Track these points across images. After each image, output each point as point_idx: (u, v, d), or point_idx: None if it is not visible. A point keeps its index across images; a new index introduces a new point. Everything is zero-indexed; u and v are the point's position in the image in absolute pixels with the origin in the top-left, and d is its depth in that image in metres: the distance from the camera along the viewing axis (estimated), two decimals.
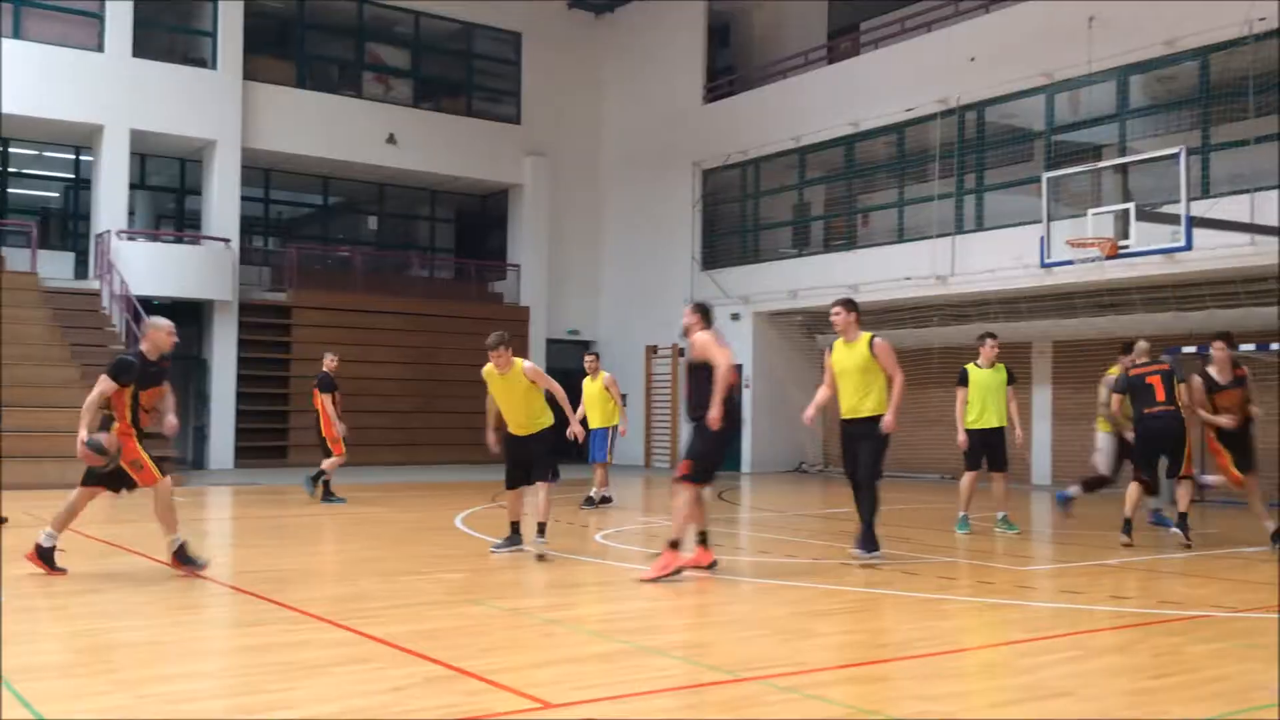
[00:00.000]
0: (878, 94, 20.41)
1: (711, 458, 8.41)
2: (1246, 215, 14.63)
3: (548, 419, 9.39)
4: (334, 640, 5.97)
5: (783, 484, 20.00)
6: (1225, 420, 10.30)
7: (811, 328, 23.34)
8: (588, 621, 6.65)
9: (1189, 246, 13.62)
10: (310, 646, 5.86)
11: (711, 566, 8.45)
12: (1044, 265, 15.30)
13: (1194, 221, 13.48)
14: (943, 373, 21.22)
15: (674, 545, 8.03)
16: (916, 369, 21.83)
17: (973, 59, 18.69)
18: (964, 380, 11.67)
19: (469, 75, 26.80)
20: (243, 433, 22.33)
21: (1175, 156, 13.62)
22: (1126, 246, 13.68)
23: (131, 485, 7.96)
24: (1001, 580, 8.52)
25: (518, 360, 9.18)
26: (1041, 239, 14.96)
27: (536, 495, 9.45)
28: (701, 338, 8.35)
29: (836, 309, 9.11)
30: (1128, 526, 10.36)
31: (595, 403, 14.25)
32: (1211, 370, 10.48)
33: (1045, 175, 15.33)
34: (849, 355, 9.04)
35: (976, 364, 11.73)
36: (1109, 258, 14.00)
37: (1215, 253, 14.81)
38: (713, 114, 24.54)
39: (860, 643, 6.30)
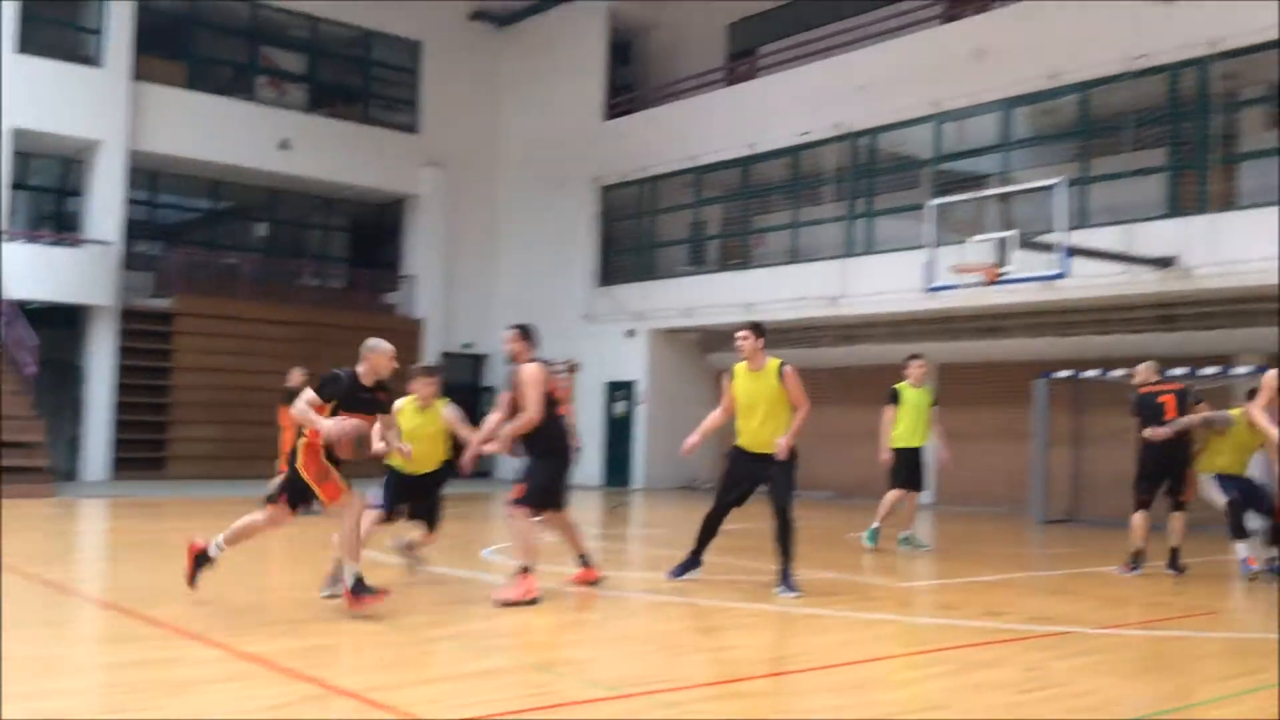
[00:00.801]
0: (774, 118, 20.75)
1: (542, 486, 7.94)
2: (1121, 245, 15.22)
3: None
4: (208, 658, 5.81)
5: (674, 500, 20.10)
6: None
7: (706, 346, 23.56)
8: (470, 638, 6.59)
9: (1066, 274, 14.13)
10: (183, 664, 5.70)
11: (597, 583, 8.44)
12: (929, 289, 15.70)
13: (1071, 250, 13.99)
14: (834, 391, 21.62)
15: (526, 570, 7.71)
16: (807, 388, 22.20)
17: (865, 87, 19.12)
18: (895, 399, 11.75)
19: (366, 82, 26.47)
20: (121, 443, 21.60)
21: (1055, 187, 14.13)
22: (1007, 273, 14.12)
23: (309, 500, 7.40)
24: (883, 596, 8.70)
25: (440, 402, 8.51)
26: (927, 264, 15.36)
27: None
28: (526, 376, 7.88)
29: (744, 333, 8.55)
30: (1139, 560, 10.17)
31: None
32: None
33: (931, 202, 15.75)
34: (756, 383, 8.48)
35: (908, 384, 11.84)
36: (990, 283, 14.42)
37: (1091, 281, 15.36)
38: (612, 131, 24.66)
39: (745, 658, 6.37)
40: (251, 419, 22.27)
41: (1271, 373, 9.01)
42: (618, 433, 23.79)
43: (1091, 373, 16.46)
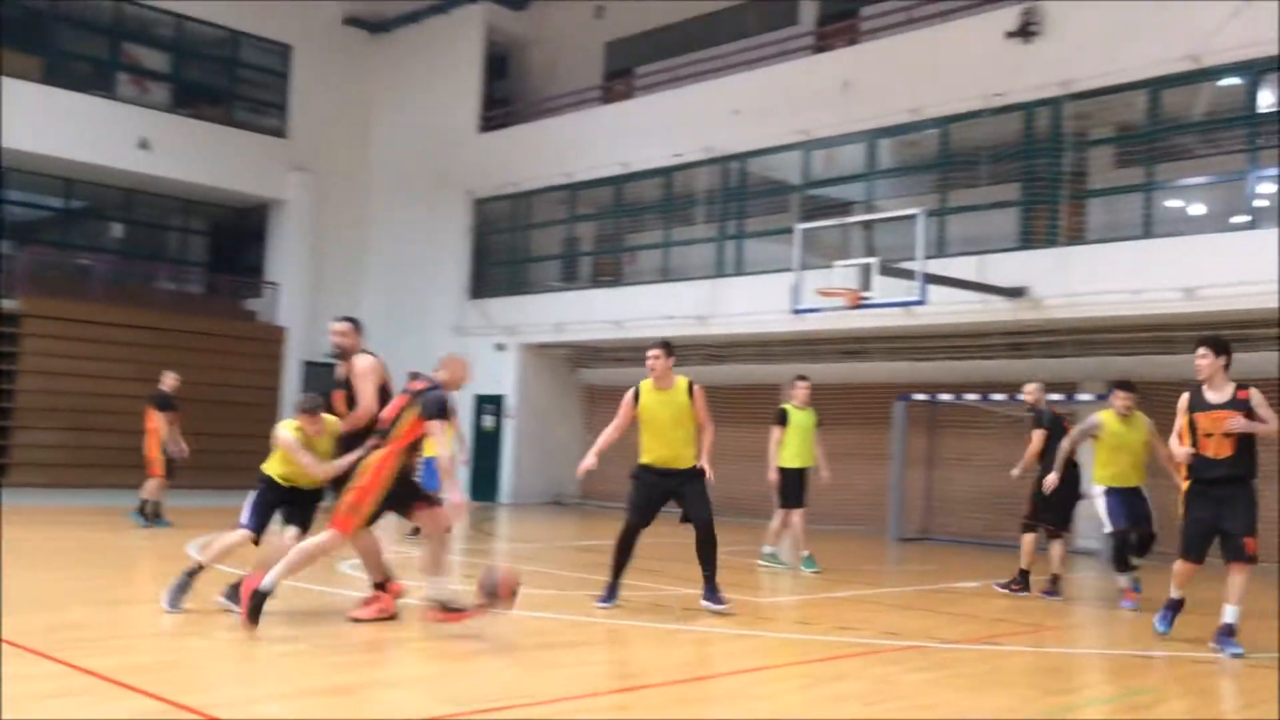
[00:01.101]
0: (648, 138, 20.94)
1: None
2: (976, 275, 15.81)
3: None
4: (44, 673, 5.55)
5: (540, 515, 20.03)
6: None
7: (576, 361, 23.59)
8: (322, 654, 6.45)
9: (924, 301, 14.61)
10: (17, 680, 5.43)
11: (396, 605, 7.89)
12: (795, 311, 16.03)
13: (929, 278, 14.47)
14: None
15: (380, 586, 7.60)
16: None
17: (736, 111, 19.46)
18: (783, 420, 11.85)
19: (233, 84, 25.80)
20: None
21: (915, 217, 14.62)
22: (869, 298, 14.52)
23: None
24: (743, 611, 8.81)
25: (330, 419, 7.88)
26: (793, 287, 15.68)
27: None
28: (362, 368, 7.62)
29: (655, 352, 8.55)
30: (1025, 579, 10.36)
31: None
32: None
33: (798, 226, 16.10)
34: (665, 402, 8.45)
35: (794, 405, 11.94)
36: (852, 307, 14.82)
37: (948, 308, 15.90)
38: (487, 143, 24.54)
39: (601, 674, 6.38)
40: (102, 426, 21.43)
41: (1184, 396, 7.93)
42: (486, 447, 23.60)
43: (947, 396, 17.04)
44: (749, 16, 22.23)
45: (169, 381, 14.39)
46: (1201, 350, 7.53)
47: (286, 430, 7.67)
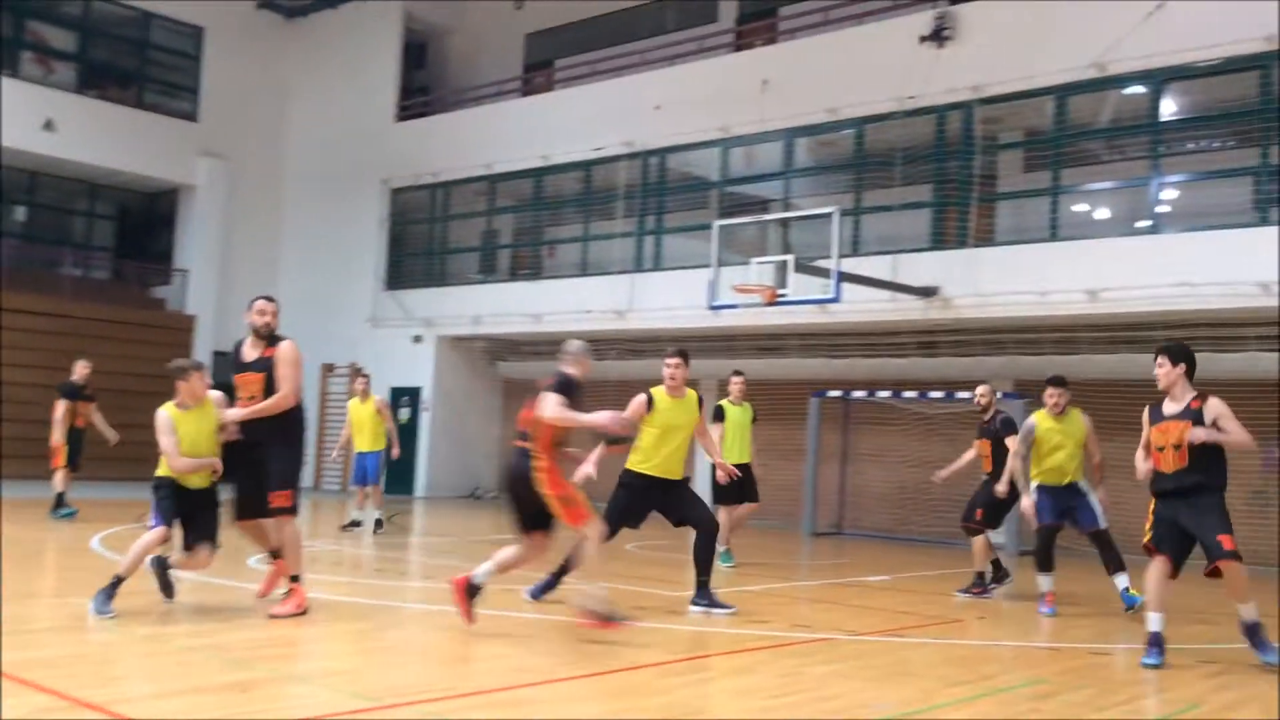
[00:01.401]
0: (568, 131, 20.91)
1: (296, 478, 7.65)
2: (889, 274, 16.10)
3: None
4: None
5: (457, 509, 19.92)
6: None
7: (494, 354, 23.47)
8: (229, 649, 6.36)
9: (838, 299, 14.83)
10: None
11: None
12: (711, 307, 16.16)
13: (843, 276, 14.70)
14: (617, 404, 21.91)
15: (296, 580, 7.55)
16: (593, 400, 22.45)
17: (658, 107, 19.53)
18: (720, 416, 11.84)
19: (142, 65, 25.15)
20: None
21: (830, 215, 14.83)
22: (784, 295, 14.70)
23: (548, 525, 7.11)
24: (654, 605, 8.89)
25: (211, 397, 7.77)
26: (710, 282, 15.81)
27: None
28: (289, 354, 7.57)
29: (675, 360, 8.57)
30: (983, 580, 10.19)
31: (366, 426, 14.18)
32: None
33: (716, 223, 16.23)
34: (677, 412, 8.52)
35: (730, 401, 11.98)
36: (768, 304, 14.98)
37: (861, 306, 16.16)
38: (405, 133, 24.28)
39: (512, 667, 6.38)
40: (8, 415, 20.83)
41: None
42: (402, 440, 23.30)
43: (860, 393, 17.33)
44: (669, 13, 22.34)
45: (80, 370, 14.13)
46: (1159, 359, 7.20)
47: (164, 410, 7.48)
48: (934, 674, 6.56)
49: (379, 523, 14.00)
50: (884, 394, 16.88)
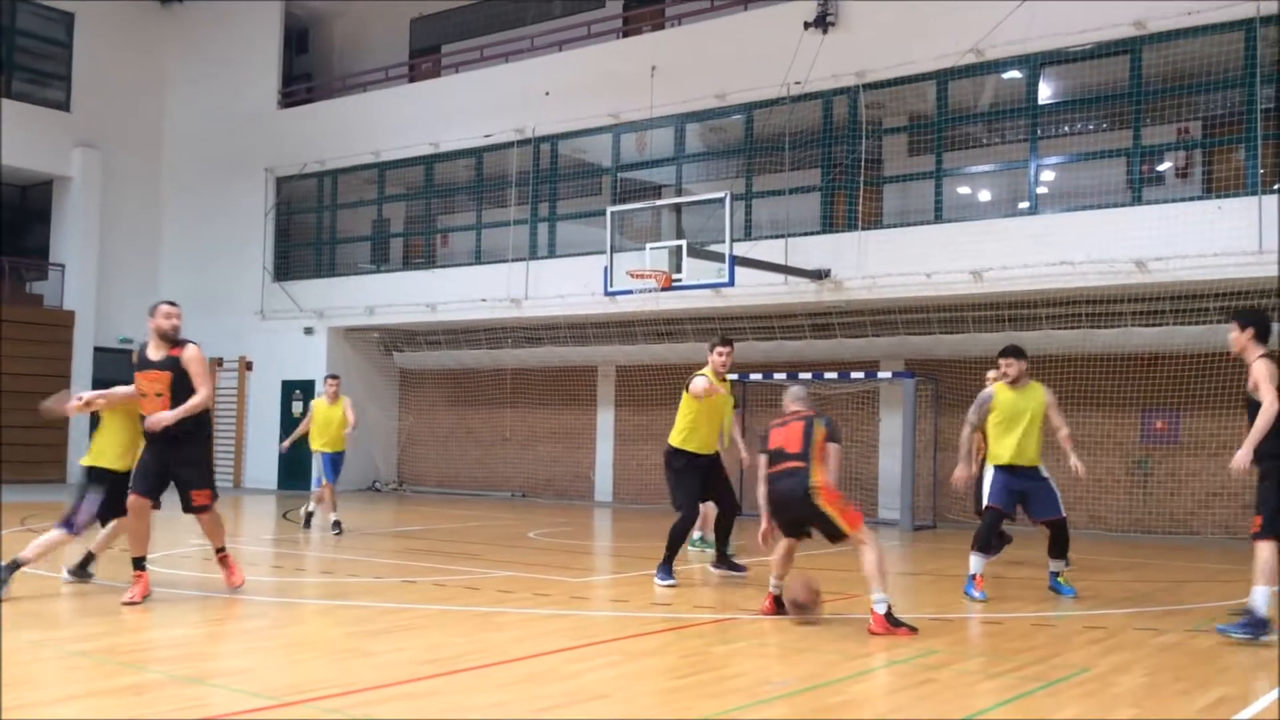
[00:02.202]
0: (458, 117, 20.69)
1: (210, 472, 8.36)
2: (781, 257, 16.31)
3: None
4: None
5: (356, 502, 19.61)
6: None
7: (389, 345, 23.15)
8: (120, 652, 6.18)
9: (732, 283, 14.98)
10: None
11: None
12: (608, 293, 16.18)
13: (736, 260, 14.85)
14: (515, 393, 21.87)
15: (141, 565, 7.90)
16: (491, 389, 22.34)
17: (547, 93, 19.45)
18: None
19: (9, 53, 24.09)
20: None
21: (722, 200, 14.96)
22: (679, 280, 14.79)
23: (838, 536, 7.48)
24: (557, 592, 8.90)
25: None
26: (606, 269, 15.83)
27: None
28: (196, 355, 8.05)
29: (726, 349, 9.81)
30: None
31: (331, 427, 14.04)
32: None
33: (610, 209, 16.25)
34: (724, 395, 9.72)
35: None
36: (664, 289, 15.05)
37: (755, 289, 16.36)
38: (289, 120, 23.74)
39: (414, 659, 6.32)
40: None
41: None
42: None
43: (756, 375, 17.53)
44: None
45: None
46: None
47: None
48: (834, 648, 6.69)
49: (337, 524, 13.62)
50: (780, 376, 17.11)
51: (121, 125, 24.77)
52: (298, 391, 22.94)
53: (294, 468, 22.79)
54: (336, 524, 13.66)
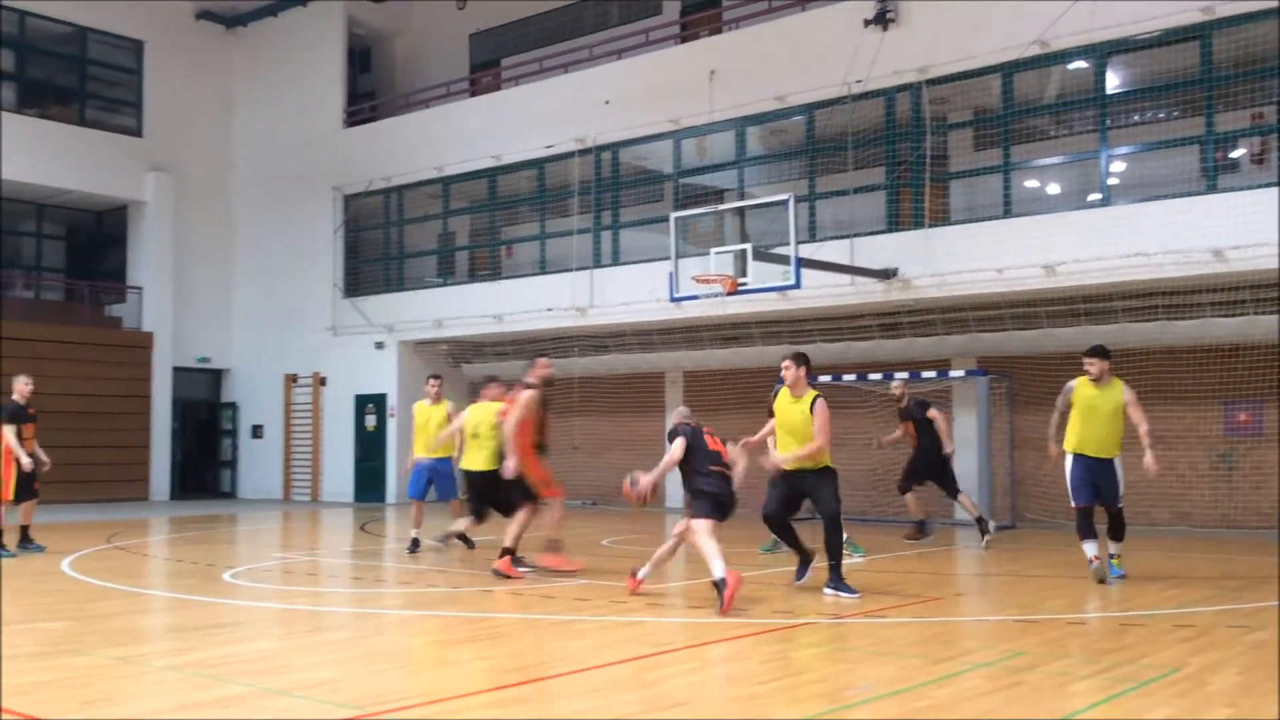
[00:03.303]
0: (519, 129, 20.84)
1: None
2: (847, 258, 16.18)
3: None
4: None
5: (429, 514, 19.77)
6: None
7: (458, 357, 23.36)
8: (207, 665, 6.29)
9: (798, 285, 14.89)
10: None
11: None
12: (673, 299, 16.18)
13: (802, 262, 14.75)
14: (583, 401, 21.94)
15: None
16: (559, 398, 22.43)
17: (607, 102, 19.51)
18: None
19: (83, 82, 24.75)
20: None
21: (785, 202, 14.87)
22: (745, 284, 14.72)
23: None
24: (633, 599, 8.89)
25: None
26: (671, 275, 15.82)
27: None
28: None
29: (787, 363, 9.18)
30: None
31: (431, 430, 13.09)
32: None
33: (673, 215, 16.25)
34: (795, 409, 9.14)
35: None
36: (729, 294, 15.01)
37: (821, 291, 16.24)
38: (354, 138, 24.10)
39: (496, 668, 6.36)
40: None
41: None
42: (370, 447, 23.26)
43: (825, 378, 17.39)
44: (613, 7, 22.33)
45: (20, 389, 12.52)
46: None
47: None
48: (917, 652, 6.60)
49: (464, 538, 12.38)
50: (849, 377, 16.96)
51: (192, 149, 25.33)
52: (370, 405, 23.24)
53: (369, 480, 23.11)
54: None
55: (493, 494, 10.70)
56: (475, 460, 11.08)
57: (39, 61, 24.45)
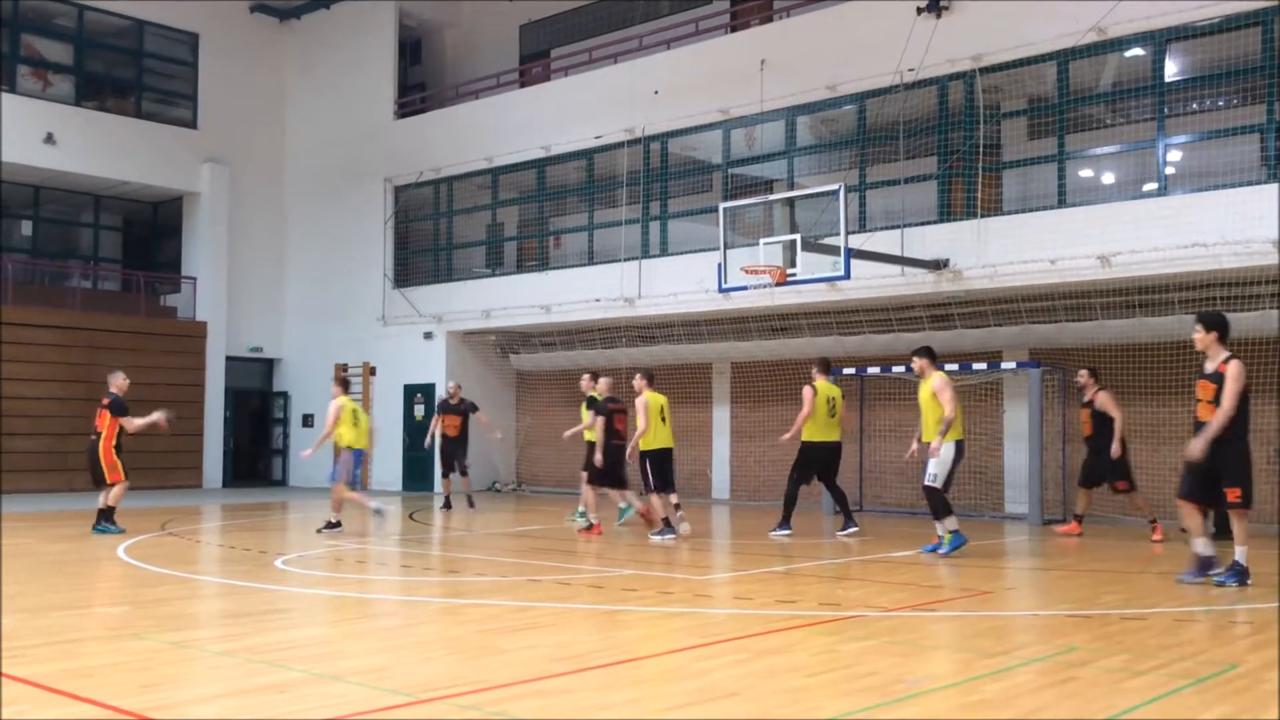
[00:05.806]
0: (568, 120, 20.86)
1: None
2: (897, 248, 16.04)
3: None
4: None
5: (478, 502, 19.92)
6: None
7: (506, 347, 23.47)
8: (261, 651, 6.38)
9: (848, 276, 14.78)
10: None
11: None
12: (721, 290, 16.12)
13: (852, 253, 14.65)
14: (630, 392, 21.91)
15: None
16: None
17: (656, 92, 19.47)
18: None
19: (139, 75, 25.13)
20: None
21: (835, 193, 14.76)
22: (794, 274, 14.64)
23: None
24: (680, 590, 8.89)
25: None
26: (719, 265, 15.77)
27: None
28: None
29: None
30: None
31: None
32: None
33: (722, 205, 16.18)
34: (830, 391, 13.06)
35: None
36: (779, 284, 14.93)
37: (870, 282, 16.12)
38: (404, 130, 24.26)
39: (545, 657, 6.38)
40: (19, 430, 20.97)
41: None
42: (419, 437, 23.43)
43: (874, 369, 17.27)
44: None
45: (119, 384, 13.80)
46: None
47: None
48: (968, 646, 6.54)
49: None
50: (898, 369, 16.82)
51: (246, 140, 25.63)
52: (419, 395, 23.41)
53: (418, 469, 23.29)
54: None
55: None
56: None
57: (97, 55, 24.84)
